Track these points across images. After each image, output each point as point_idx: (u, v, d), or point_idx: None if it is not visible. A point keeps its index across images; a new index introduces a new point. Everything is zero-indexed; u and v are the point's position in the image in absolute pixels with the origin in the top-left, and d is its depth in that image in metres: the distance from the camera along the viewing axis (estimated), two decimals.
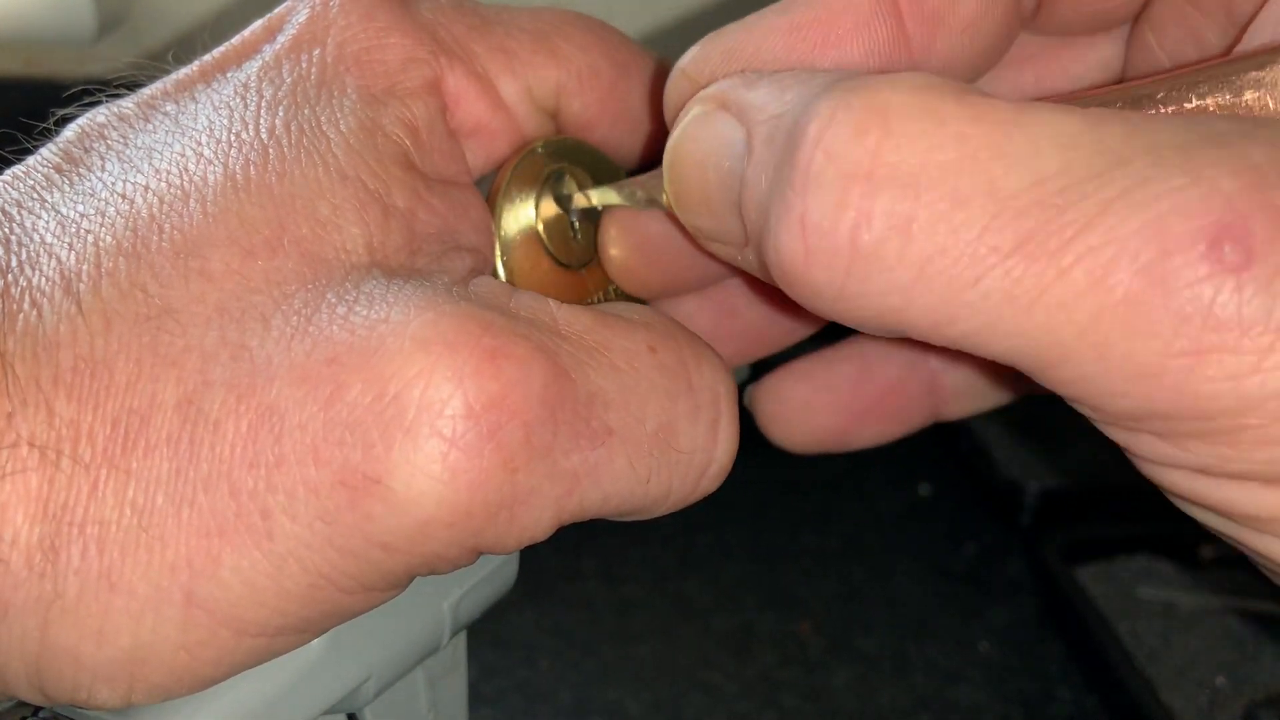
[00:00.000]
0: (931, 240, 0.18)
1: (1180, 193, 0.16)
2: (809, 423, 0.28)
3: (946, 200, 0.17)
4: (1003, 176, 0.17)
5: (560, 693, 0.51)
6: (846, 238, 0.18)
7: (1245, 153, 0.17)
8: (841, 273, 0.18)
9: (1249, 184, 0.16)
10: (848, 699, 0.51)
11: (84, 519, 0.19)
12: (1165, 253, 0.16)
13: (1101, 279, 0.17)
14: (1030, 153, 0.17)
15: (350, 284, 0.21)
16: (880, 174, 0.18)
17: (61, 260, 0.21)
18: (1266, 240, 0.16)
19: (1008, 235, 0.17)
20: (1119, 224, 0.17)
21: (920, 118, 0.18)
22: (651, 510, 0.23)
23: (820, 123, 0.18)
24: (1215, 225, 0.16)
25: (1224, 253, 0.16)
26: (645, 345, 0.23)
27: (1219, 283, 0.16)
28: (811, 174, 0.18)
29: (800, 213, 0.18)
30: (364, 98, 0.23)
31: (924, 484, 0.64)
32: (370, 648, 0.25)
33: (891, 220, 0.18)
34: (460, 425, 0.19)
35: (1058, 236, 0.17)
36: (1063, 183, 0.17)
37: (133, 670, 0.20)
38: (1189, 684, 0.50)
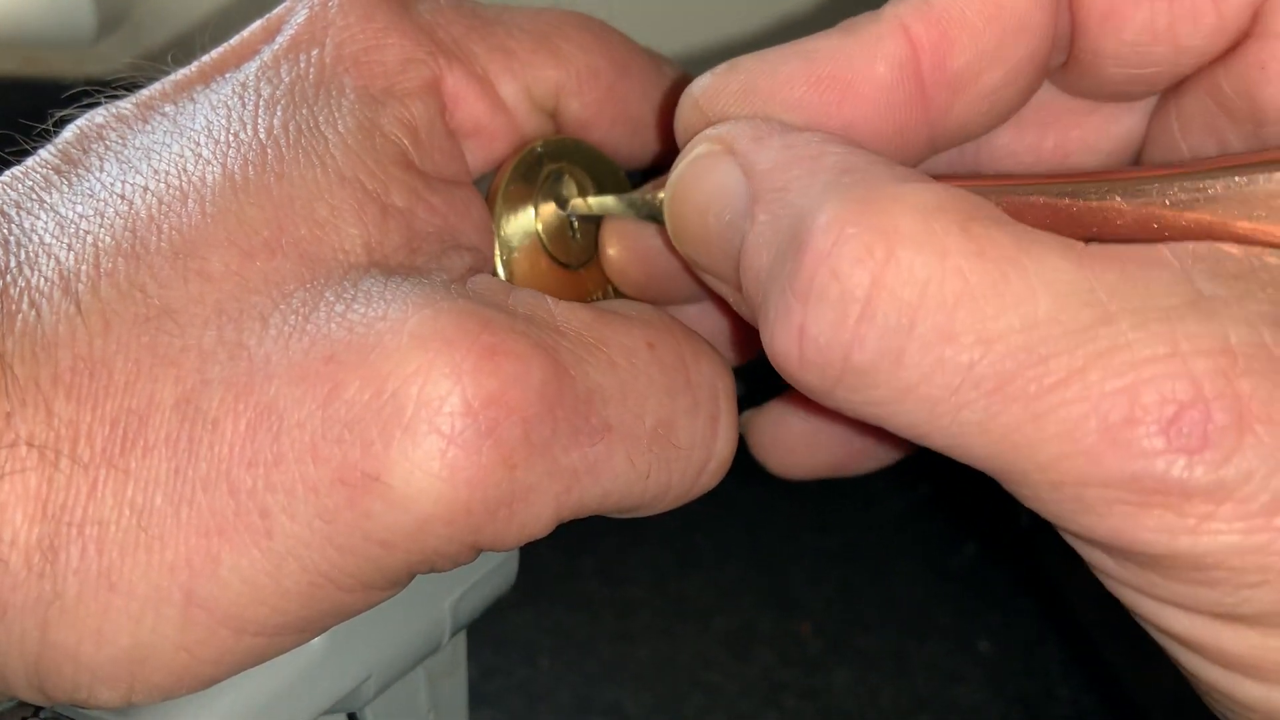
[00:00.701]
0: (919, 369, 0.18)
1: (1155, 364, 0.17)
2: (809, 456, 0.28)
3: (938, 334, 0.18)
4: (994, 318, 0.18)
5: (560, 692, 0.51)
6: (841, 354, 0.19)
7: (1224, 332, 0.18)
8: (832, 381, 0.19)
9: (1219, 369, 0.17)
10: (848, 699, 0.51)
11: (83, 519, 0.19)
12: (1130, 420, 0.17)
13: (1069, 431, 0.18)
14: (1025, 296, 0.18)
15: (349, 283, 0.21)
16: (879, 301, 0.18)
17: (60, 261, 0.21)
18: (1223, 427, 0.17)
19: (990, 376, 0.18)
20: (1095, 384, 0.18)
21: (924, 247, 0.18)
22: (651, 506, 0.23)
23: (827, 238, 0.19)
24: (1179, 405, 0.17)
25: (1182, 432, 0.17)
26: (644, 342, 0.23)
27: (1171, 459, 0.17)
28: (815, 289, 0.19)
29: (800, 323, 0.19)
30: (362, 98, 0.23)
31: (924, 484, 0.64)
32: (370, 647, 0.25)
33: (885, 346, 0.19)
34: (459, 422, 0.19)
35: (1037, 384, 0.18)
36: (1050, 331, 0.18)
37: (133, 670, 0.20)
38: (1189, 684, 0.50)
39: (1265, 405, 0.17)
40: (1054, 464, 0.18)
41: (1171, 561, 0.18)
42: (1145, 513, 0.18)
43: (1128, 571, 0.19)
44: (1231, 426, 0.17)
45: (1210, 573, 0.18)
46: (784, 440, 0.28)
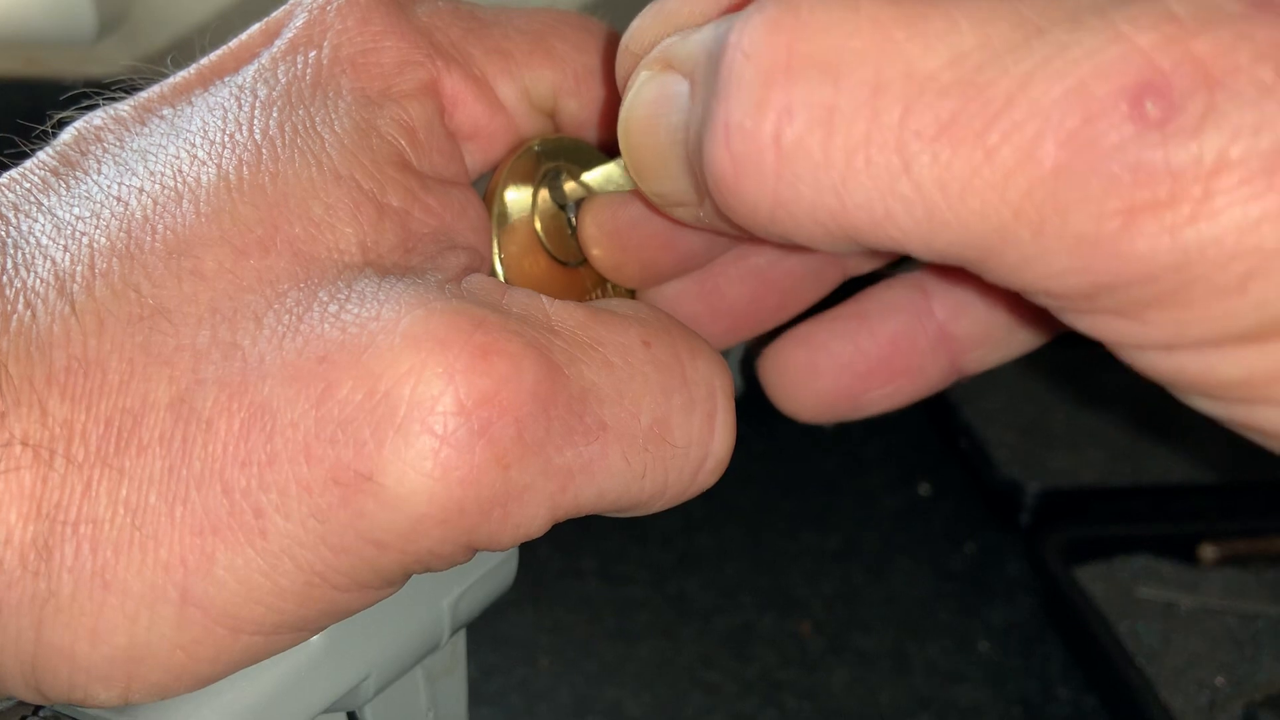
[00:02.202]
0: (855, 129, 0.17)
1: (1098, 54, 0.16)
2: (814, 388, 0.27)
3: (866, 86, 0.17)
4: (920, 57, 0.17)
5: (560, 692, 0.51)
6: (770, 136, 0.18)
7: (1163, 4, 0.16)
8: (771, 176, 0.18)
9: (1167, 36, 0.16)
10: (848, 699, 0.51)
11: (77, 518, 0.19)
12: (1088, 118, 0.16)
13: (1029, 154, 0.16)
14: (947, 29, 0.17)
15: (343, 283, 0.21)
16: (797, 65, 0.17)
17: (56, 262, 0.21)
18: (1187, 91, 0.16)
19: (930, 118, 0.17)
20: (1041, 95, 0.16)
21: (834, 6, 0.17)
22: (648, 506, 0.23)
23: (738, 27, 0.18)
24: (1135, 83, 0.16)
25: (1146, 109, 0.16)
26: (639, 340, 0.23)
27: (1144, 140, 0.16)
28: (732, 77, 0.18)
29: (723, 118, 0.18)
30: (359, 99, 0.23)
31: (924, 484, 0.64)
32: (369, 646, 0.25)
33: (812, 112, 0.17)
34: (451, 422, 0.19)
35: (981, 115, 0.17)
36: (981, 58, 0.17)
37: (129, 669, 0.20)
38: (1189, 684, 0.50)
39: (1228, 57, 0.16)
40: (1026, 199, 0.17)
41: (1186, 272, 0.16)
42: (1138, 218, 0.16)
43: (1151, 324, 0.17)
44: (1197, 88, 0.16)
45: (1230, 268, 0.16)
46: (787, 375, 0.27)
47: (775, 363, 0.28)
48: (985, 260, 0.18)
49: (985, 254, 0.18)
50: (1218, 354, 0.18)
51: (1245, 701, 0.49)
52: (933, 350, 0.27)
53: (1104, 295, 0.17)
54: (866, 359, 0.27)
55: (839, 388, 0.27)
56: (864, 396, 0.27)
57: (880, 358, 0.27)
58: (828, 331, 0.27)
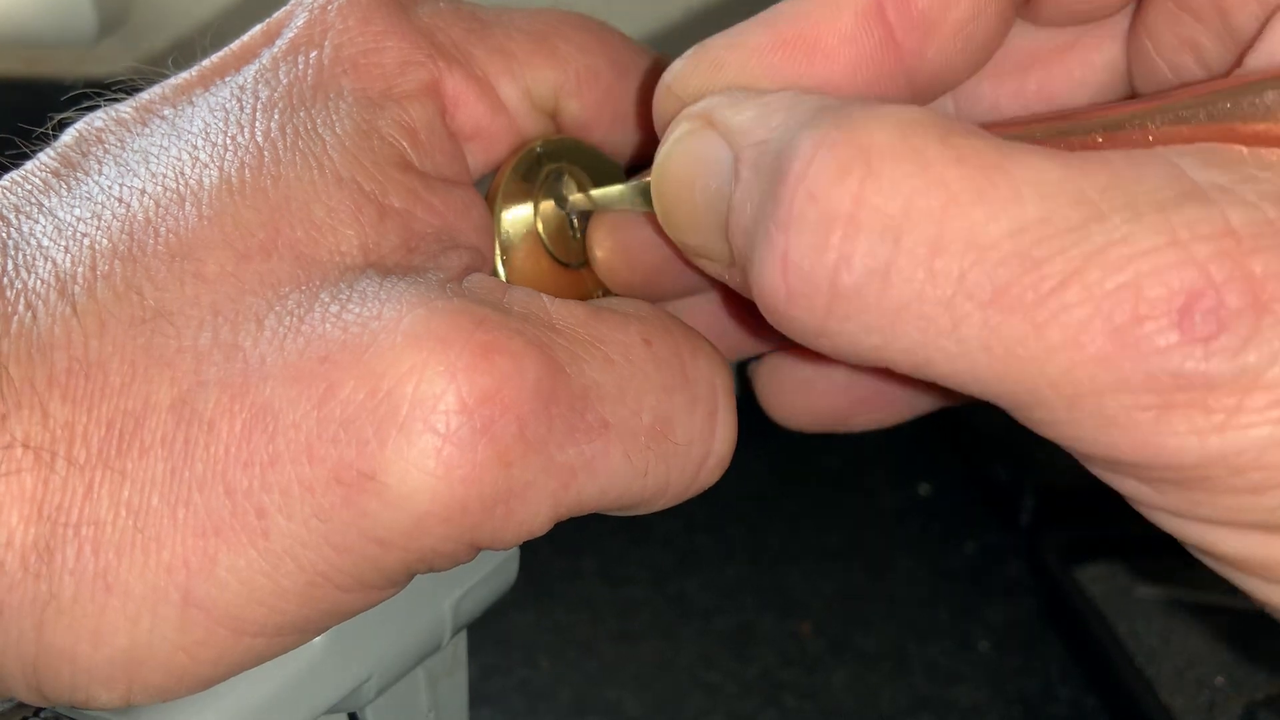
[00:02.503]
0: (910, 286, 0.18)
1: (1155, 255, 0.17)
2: (806, 404, 0.28)
3: (926, 246, 0.17)
4: (982, 224, 0.17)
5: (560, 692, 0.51)
6: (827, 279, 0.18)
7: (1224, 215, 0.17)
8: (822, 312, 0.19)
9: (1223, 251, 0.16)
10: (848, 699, 0.51)
11: (79, 520, 0.19)
12: (1138, 318, 0.17)
13: (1075, 338, 0.17)
14: (1011, 199, 0.17)
15: (344, 284, 0.21)
16: (862, 217, 0.18)
17: (57, 263, 0.21)
18: (1236, 310, 0.16)
19: (985, 285, 0.17)
20: (1094, 284, 0.17)
21: (903, 160, 0.18)
22: (650, 504, 0.23)
23: (804, 160, 0.18)
24: (1187, 294, 0.16)
25: (1195, 321, 0.16)
26: (640, 338, 0.23)
27: (1188, 351, 0.17)
28: (794, 214, 0.18)
29: (783, 252, 0.19)
30: (360, 100, 0.23)
31: (924, 483, 0.64)
32: (371, 647, 0.25)
33: (871, 264, 0.18)
34: (454, 420, 0.19)
35: (1034, 290, 0.17)
36: (1042, 234, 0.17)
37: (131, 671, 0.20)
38: (1189, 684, 0.50)
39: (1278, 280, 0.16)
40: (1065, 377, 0.17)
41: (1207, 469, 0.17)
42: (1169, 415, 0.17)
43: (1165, 496, 0.18)
44: (1247, 309, 0.16)
45: (1249, 475, 0.17)
46: (782, 388, 0.28)
47: (771, 374, 0.28)
48: (1017, 411, 0.19)
49: (1018, 407, 0.18)
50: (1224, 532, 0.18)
51: (1245, 701, 0.49)
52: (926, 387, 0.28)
53: (1126, 467, 0.18)
54: (861, 386, 0.27)
55: (831, 407, 0.27)
56: (853, 418, 0.28)
57: (875, 387, 0.27)
58: None
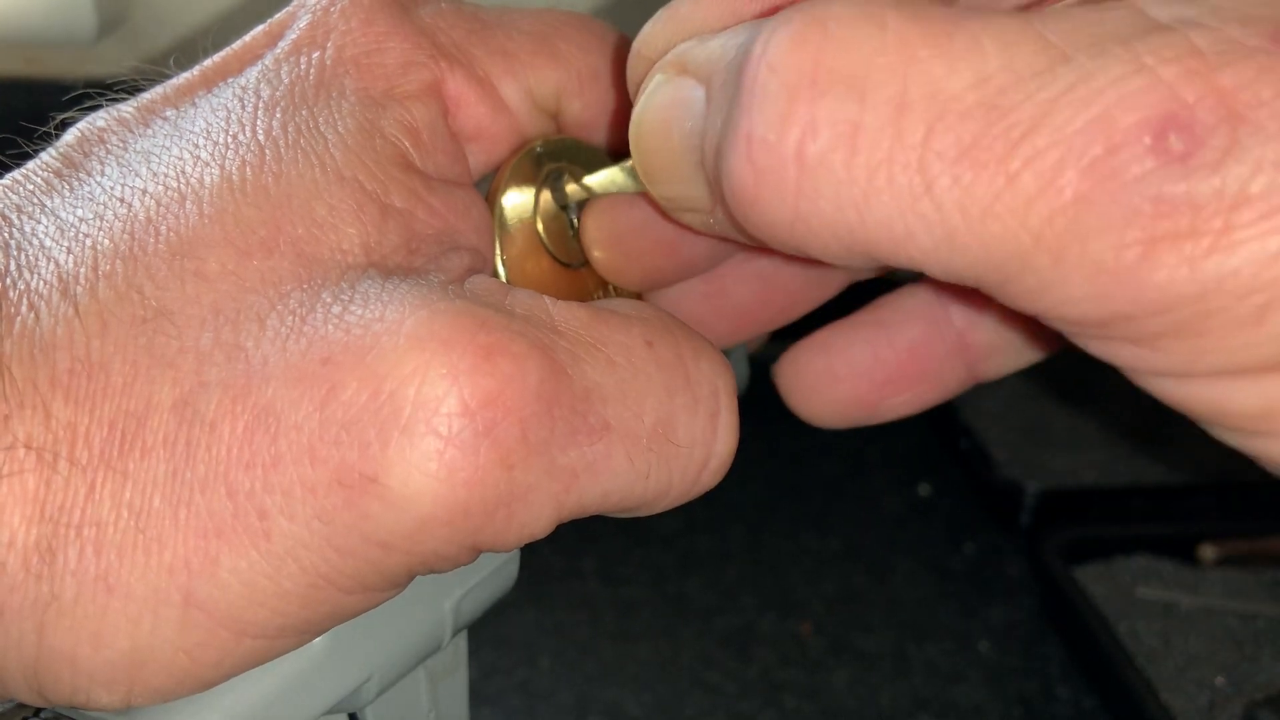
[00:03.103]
0: (878, 147, 0.17)
1: (1122, 84, 0.16)
2: (832, 394, 0.27)
3: (890, 104, 0.17)
4: (945, 77, 0.17)
5: (560, 692, 0.51)
6: (793, 150, 0.18)
7: (1188, 39, 0.16)
8: (792, 191, 0.18)
9: (1191, 69, 0.16)
10: (848, 699, 0.51)
11: (81, 521, 0.19)
12: (1111, 149, 0.16)
13: (1050, 181, 0.16)
14: (972, 50, 0.17)
15: (346, 284, 0.21)
16: (823, 80, 0.17)
17: (59, 264, 0.21)
18: (1211, 125, 0.16)
19: (952, 139, 0.17)
20: (1064, 123, 0.16)
21: (861, 23, 0.17)
22: (652, 505, 0.23)
23: (762, 41, 0.18)
24: (1159, 116, 0.16)
25: (1169, 142, 0.16)
26: (642, 340, 0.23)
27: (1166, 173, 0.16)
28: (756, 90, 0.18)
29: (747, 131, 0.18)
30: (362, 100, 0.23)
31: (924, 484, 0.64)
32: (371, 648, 0.25)
33: (837, 128, 0.17)
34: (456, 423, 0.19)
35: (1003, 139, 0.17)
36: (1005, 81, 0.17)
37: (131, 673, 0.20)
38: (1189, 684, 0.50)
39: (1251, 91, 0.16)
40: (1046, 226, 0.17)
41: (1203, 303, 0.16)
42: (1158, 248, 0.16)
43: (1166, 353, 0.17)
44: (1221, 122, 0.16)
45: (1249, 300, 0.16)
46: (804, 382, 0.27)
47: (793, 369, 0.27)
48: (1003, 285, 0.18)
49: (1003, 278, 0.18)
50: (1233, 384, 0.18)
51: (1245, 701, 0.49)
52: (950, 358, 0.27)
53: (1121, 324, 0.17)
54: (885, 367, 0.27)
55: (857, 395, 0.27)
56: (881, 404, 0.27)
57: (899, 366, 0.27)
58: (846, 339, 0.27)
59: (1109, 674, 0.51)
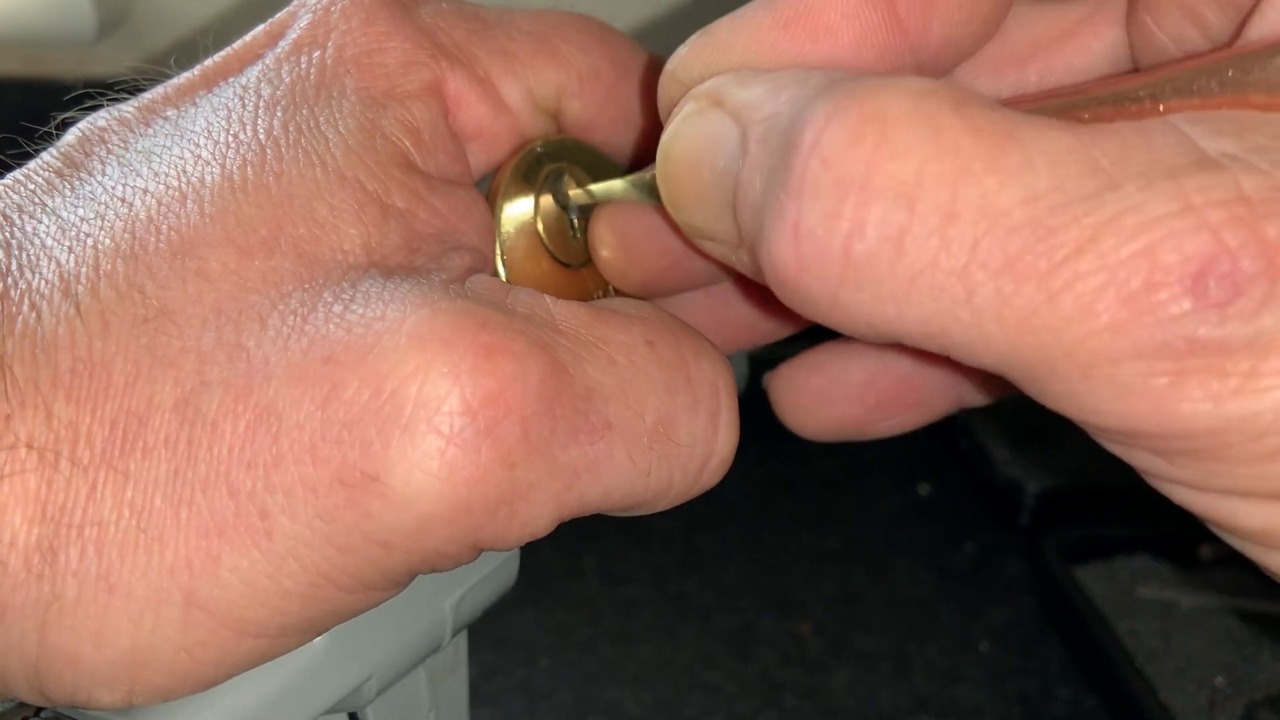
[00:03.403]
0: (924, 254, 0.18)
1: (1168, 222, 0.16)
2: (824, 413, 0.27)
3: (940, 213, 0.17)
4: (995, 191, 0.17)
5: (560, 692, 0.51)
6: (840, 247, 0.18)
7: (1236, 181, 0.17)
8: (834, 282, 0.18)
9: (1237, 216, 0.16)
10: (848, 699, 0.51)
11: (82, 520, 0.19)
12: (1151, 285, 0.17)
13: (1089, 305, 0.17)
14: (1024, 167, 0.17)
15: (347, 283, 0.21)
16: (875, 183, 0.18)
17: (61, 263, 0.21)
18: (1251, 276, 0.16)
19: (998, 253, 0.17)
20: (1108, 251, 0.17)
21: (917, 127, 0.18)
22: (653, 504, 0.23)
23: (816, 128, 0.18)
24: (1202, 259, 0.16)
25: (1209, 287, 0.16)
26: (643, 339, 0.23)
27: (1203, 317, 0.16)
28: (807, 180, 0.18)
29: (794, 220, 0.18)
30: (363, 100, 0.23)
31: (923, 484, 0.64)
32: (372, 647, 0.25)
33: (885, 231, 0.18)
34: (457, 422, 0.19)
35: (1048, 259, 0.17)
36: (1055, 201, 0.17)
37: (133, 672, 0.20)
38: (1189, 684, 0.50)
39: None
40: (1079, 345, 0.17)
41: (1223, 436, 0.17)
42: (1184, 381, 0.17)
43: (1181, 467, 0.18)
44: (1262, 273, 0.16)
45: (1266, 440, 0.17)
46: (798, 400, 0.28)
47: (787, 385, 0.28)
48: (1030, 384, 0.18)
49: (1031, 379, 0.18)
50: (1243, 503, 0.18)
51: (1245, 701, 0.49)
52: (942, 386, 0.28)
53: (1141, 438, 0.18)
54: (878, 393, 0.27)
55: (848, 416, 0.27)
56: (871, 425, 0.28)
57: (891, 393, 0.27)
58: (841, 362, 0.27)
59: (1109, 674, 0.51)
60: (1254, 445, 0.17)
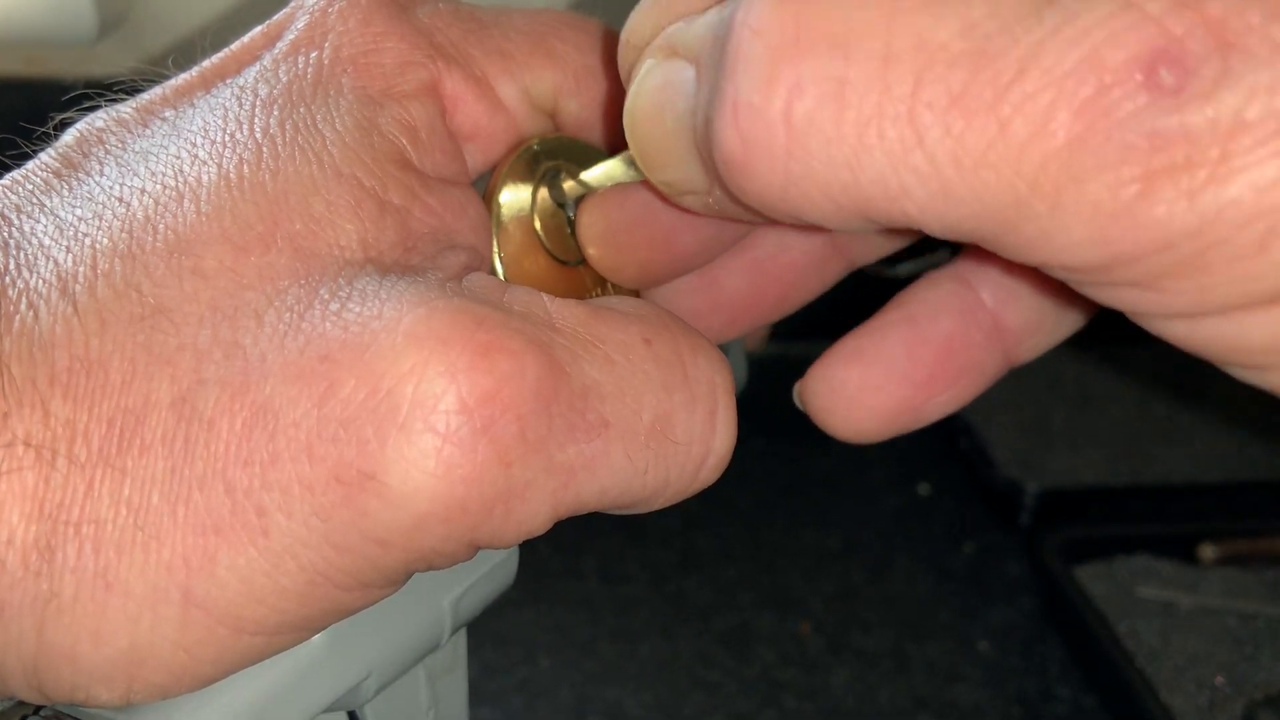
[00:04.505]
0: (866, 101, 0.17)
1: (1110, 22, 0.16)
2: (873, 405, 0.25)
3: (876, 58, 0.17)
4: (930, 27, 0.17)
5: (560, 691, 0.51)
6: (780, 112, 0.18)
7: None
8: (782, 154, 0.18)
9: (1179, 3, 0.16)
10: (847, 698, 0.51)
11: (80, 518, 0.19)
12: (1102, 88, 0.16)
13: (1043, 125, 0.16)
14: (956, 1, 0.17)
15: (344, 280, 0.21)
16: (806, 39, 0.17)
17: (58, 262, 0.21)
18: (1201, 56, 0.16)
19: (941, 89, 0.17)
20: (1053, 65, 0.16)
21: None
22: (650, 503, 0.23)
23: (745, 6, 0.18)
24: (1148, 51, 0.16)
25: (1160, 76, 0.16)
26: (640, 337, 0.23)
27: (1159, 107, 0.16)
28: (740, 55, 0.18)
29: (732, 97, 0.18)
30: (360, 99, 0.23)
31: (923, 483, 0.64)
32: (370, 645, 0.25)
33: (823, 86, 0.17)
34: (454, 420, 0.19)
35: (993, 86, 0.16)
36: (991, 27, 0.16)
37: (131, 670, 0.20)
38: (1189, 684, 0.50)
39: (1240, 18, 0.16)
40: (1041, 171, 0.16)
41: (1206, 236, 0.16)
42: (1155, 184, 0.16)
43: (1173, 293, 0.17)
44: (1211, 53, 0.16)
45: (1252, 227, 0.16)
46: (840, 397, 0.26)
47: (825, 385, 0.26)
48: (1002, 235, 0.18)
49: (1002, 228, 0.17)
50: (1243, 319, 0.17)
51: (1245, 701, 0.49)
52: (988, 344, 0.26)
53: (1123, 266, 0.17)
54: (925, 365, 0.25)
55: (899, 400, 0.25)
56: (926, 405, 0.26)
57: (938, 361, 0.26)
58: (877, 343, 0.26)
59: (1109, 673, 0.51)
60: (1239, 238, 0.16)
